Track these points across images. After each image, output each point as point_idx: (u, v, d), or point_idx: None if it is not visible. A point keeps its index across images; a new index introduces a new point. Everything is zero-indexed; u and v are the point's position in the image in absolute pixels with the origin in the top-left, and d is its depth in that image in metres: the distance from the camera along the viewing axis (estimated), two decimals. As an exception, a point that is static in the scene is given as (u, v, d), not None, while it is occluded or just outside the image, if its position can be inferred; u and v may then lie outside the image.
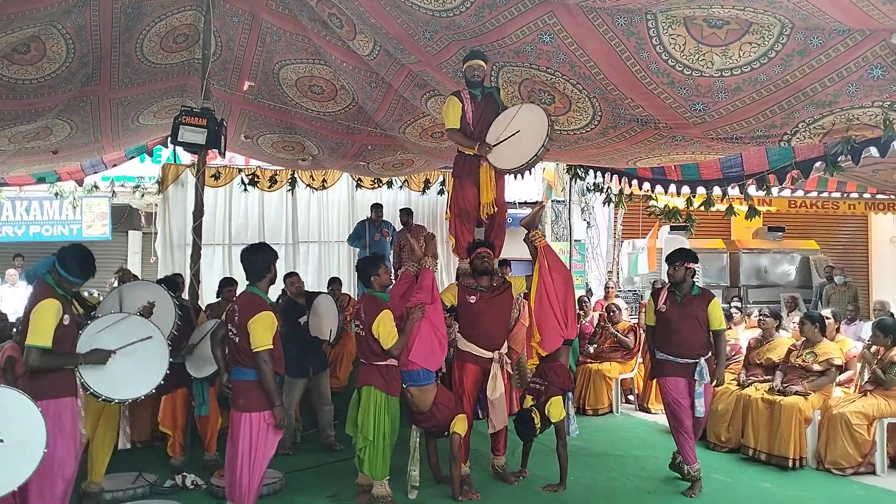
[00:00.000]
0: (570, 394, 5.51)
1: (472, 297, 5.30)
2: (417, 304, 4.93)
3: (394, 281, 7.88)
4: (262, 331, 4.09)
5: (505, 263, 6.07)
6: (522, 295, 6.05)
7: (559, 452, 5.34)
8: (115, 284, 6.84)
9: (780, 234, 13.54)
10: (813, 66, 3.89)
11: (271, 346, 4.12)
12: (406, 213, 9.78)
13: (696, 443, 5.49)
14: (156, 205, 11.81)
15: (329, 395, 6.59)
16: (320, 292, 6.93)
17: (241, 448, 4.09)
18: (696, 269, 5.44)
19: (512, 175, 6.33)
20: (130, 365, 4.15)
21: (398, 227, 9.99)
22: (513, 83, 5.23)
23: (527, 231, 5.58)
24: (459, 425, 5.04)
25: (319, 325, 6.14)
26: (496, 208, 5.42)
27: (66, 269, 3.94)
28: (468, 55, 4.99)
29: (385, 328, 4.74)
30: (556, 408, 5.28)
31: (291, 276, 6.62)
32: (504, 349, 5.44)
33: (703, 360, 5.28)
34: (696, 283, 5.49)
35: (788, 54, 3.87)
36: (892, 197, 11.28)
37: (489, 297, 5.32)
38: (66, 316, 3.90)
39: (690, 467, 5.39)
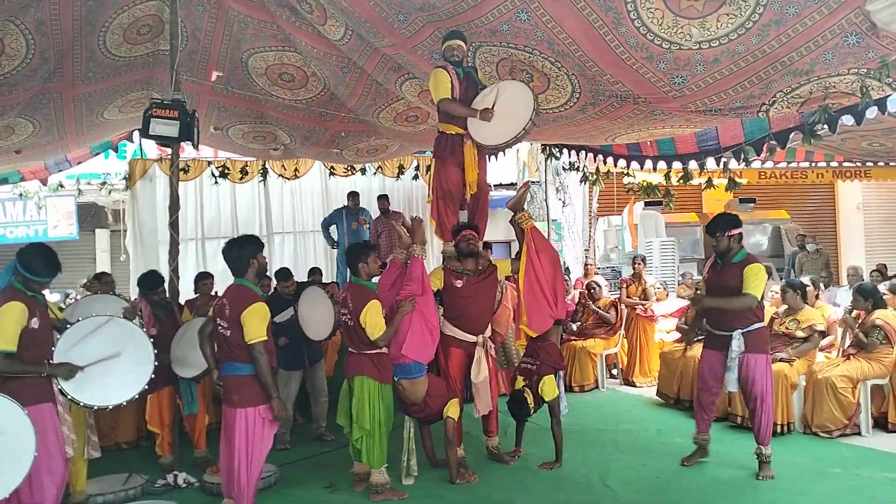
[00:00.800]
0: (560, 372, 5.52)
1: (458, 280, 5.26)
2: (408, 297, 4.85)
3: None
4: (257, 322, 4.01)
5: (486, 246, 6.01)
6: (505, 277, 6.04)
7: (554, 430, 5.35)
8: (81, 295, 6.69)
9: (752, 205, 13.71)
10: (789, 36, 3.90)
11: (266, 338, 4.05)
12: (384, 200, 9.69)
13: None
14: (123, 202, 11.58)
15: (325, 386, 6.52)
16: (309, 282, 6.83)
17: (237, 444, 4.02)
18: (740, 233, 5.05)
19: (489, 155, 6.28)
20: (111, 370, 4.05)
21: (375, 214, 9.90)
22: (490, 63, 5.19)
23: (513, 213, 5.54)
24: (452, 409, 5.02)
25: (310, 322, 5.77)
26: (478, 188, 5.37)
27: (30, 270, 3.84)
28: (447, 35, 4.93)
29: (372, 318, 4.67)
30: (549, 386, 5.29)
31: (286, 280, 6.51)
32: (488, 332, 5.42)
33: (739, 332, 4.97)
34: (744, 250, 5.09)
35: (765, 24, 3.87)
36: (859, 164, 11.47)
37: (475, 281, 5.28)
38: (34, 319, 3.79)
39: (698, 436, 5.40)
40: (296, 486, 5.14)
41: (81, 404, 4.02)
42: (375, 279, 5.18)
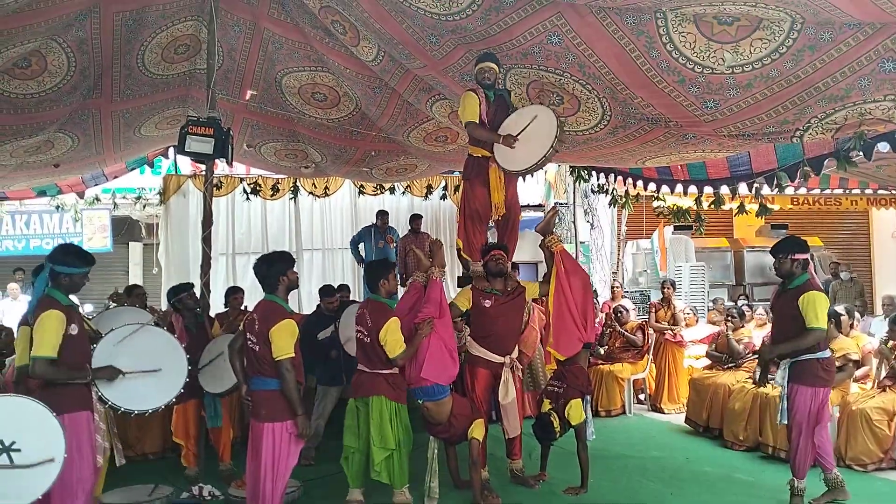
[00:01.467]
0: (588, 397, 5.46)
1: (487, 300, 5.26)
2: (426, 320, 4.81)
3: (400, 288, 7.88)
4: (285, 339, 4.04)
5: (513, 267, 6.01)
6: (532, 299, 6.02)
7: (580, 455, 5.29)
8: (111, 306, 6.82)
9: (784, 231, 13.49)
10: (824, 61, 3.88)
11: (293, 355, 4.07)
12: (418, 219, 9.78)
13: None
14: (157, 216, 11.78)
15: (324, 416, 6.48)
16: (353, 301, 6.89)
17: (263, 459, 4.04)
18: (805, 259, 4.88)
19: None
20: (147, 376, 4.10)
21: (402, 232, 9.96)
22: (521, 85, 5.21)
23: (542, 236, 5.55)
24: (478, 430, 4.99)
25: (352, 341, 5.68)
26: (507, 210, 5.40)
27: (66, 264, 3.89)
28: (480, 57, 4.97)
29: (392, 336, 4.66)
30: (577, 411, 5.24)
31: (330, 296, 6.56)
32: (515, 353, 5.40)
33: (787, 362, 4.82)
34: (806, 274, 4.91)
35: (800, 49, 3.86)
36: (894, 192, 11.26)
37: (503, 301, 5.28)
38: (73, 326, 3.82)
39: (795, 480, 4.90)
40: (318, 502, 5.13)
41: (121, 410, 4.08)
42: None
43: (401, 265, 9.58)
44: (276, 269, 4.26)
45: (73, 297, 4.06)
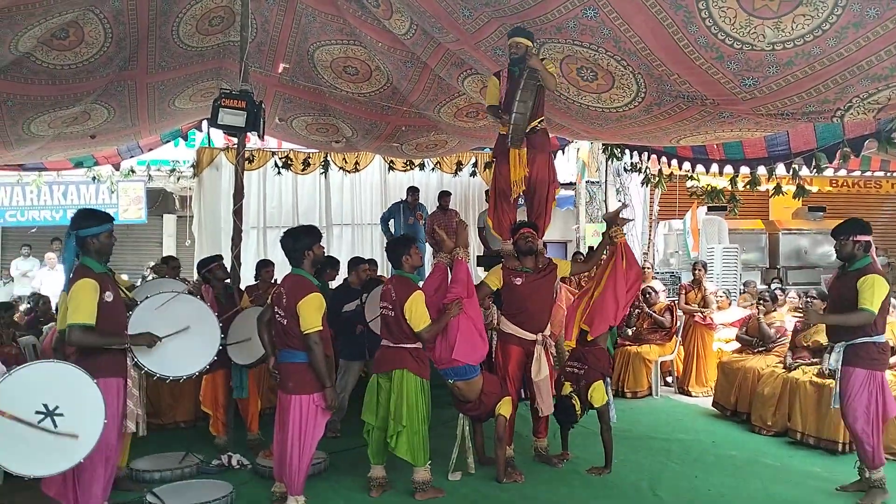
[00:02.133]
0: (608, 378, 5.44)
1: (518, 278, 5.24)
2: (454, 300, 4.79)
3: (427, 263, 7.88)
4: (312, 312, 4.07)
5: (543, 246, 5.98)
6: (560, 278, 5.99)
7: (603, 436, 5.28)
8: (150, 277, 6.92)
9: (821, 213, 13.22)
10: (869, 39, 3.75)
11: (321, 328, 4.10)
12: (446, 196, 9.76)
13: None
14: (190, 188, 11.94)
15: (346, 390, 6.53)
16: (381, 277, 6.92)
17: (290, 430, 4.10)
18: (868, 241, 4.75)
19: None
20: (183, 344, 4.17)
21: (431, 209, 9.95)
22: (554, 60, 5.12)
23: (607, 226, 5.60)
24: (505, 408, 5.01)
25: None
26: (531, 186, 5.36)
27: (89, 226, 3.87)
28: (509, 32, 4.89)
29: (418, 309, 4.62)
30: (599, 393, 5.23)
31: (358, 266, 6.60)
32: (547, 331, 5.39)
33: (841, 344, 4.69)
34: (868, 257, 4.76)
35: (844, 26, 3.73)
36: (939, 175, 10.95)
37: (535, 279, 5.25)
38: (108, 293, 3.84)
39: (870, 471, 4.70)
40: (344, 475, 5.21)
41: (157, 376, 4.13)
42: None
43: (430, 241, 9.60)
44: (302, 243, 4.28)
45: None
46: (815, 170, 6.25)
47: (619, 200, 12.01)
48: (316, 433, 4.19)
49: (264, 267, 6.95)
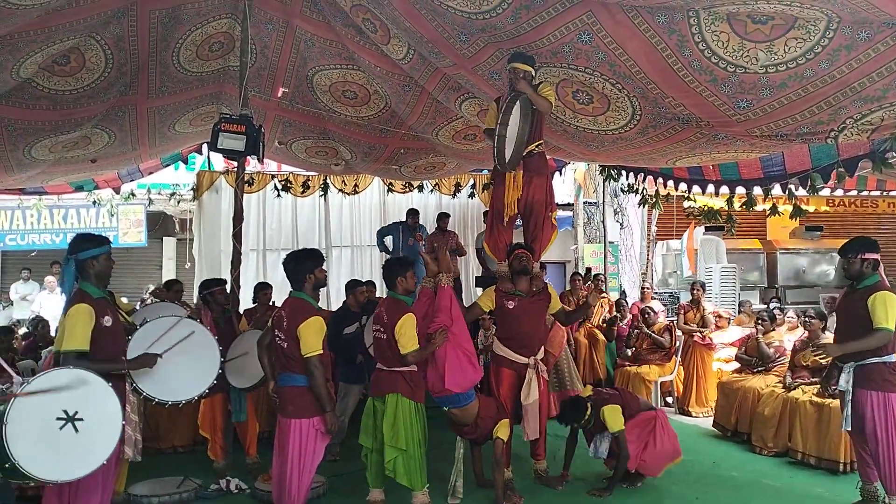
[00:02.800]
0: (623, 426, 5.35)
1: (511, 301, 5.23)
2: (439, 329, 4.72)
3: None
4: (313, 336, 4.07)
5: (541, 267, 5.78)
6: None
7: (618, 463, 5.25)
8: (149, 301, 6.91)
9: (818, 233, 13.27)
10: (861, 61, 3.82)
11: (322, 352, 4.10)
12: (445, 217, 9.86)
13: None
14: (190, 212, 11.98)
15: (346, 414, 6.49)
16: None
17: (290, 455, 4.08)
18: (876, 259, 4.70)
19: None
20: (182, 368, 4.17)
21: (431, 229, 10.02)
22: (550, 84, 5.19)
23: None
24: (502, 430, 4.99)
25: None
26: (527, 208, 5.37)
27: (86, 249, 3.86)
28: (511, 57, 4.91)
29: (408, 332, 4.58)
30: (613, 416, 5.21)
31: (355, 289, 6.56)
32: (540, 354, 5.36)
33: (851, 365, 4.62)
34: (877, 275, 4.71)
35: (835, 49, 3.80)
36: (935, 194, 11.01)
37: (527, 302, 5.25)
38: (106, 318, 3.81)
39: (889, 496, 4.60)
40: (343, 499, 5.18)
41: (156, 401, 4.11)
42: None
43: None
44: (304, 266, 4.29)
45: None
46: (810, 190, 6.29)
47: (617, 221, 12.07)
48: (315, 458, 4.16)
49: (262, 290, 6.96)
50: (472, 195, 11.50)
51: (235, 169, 6.33)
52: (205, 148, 9.36)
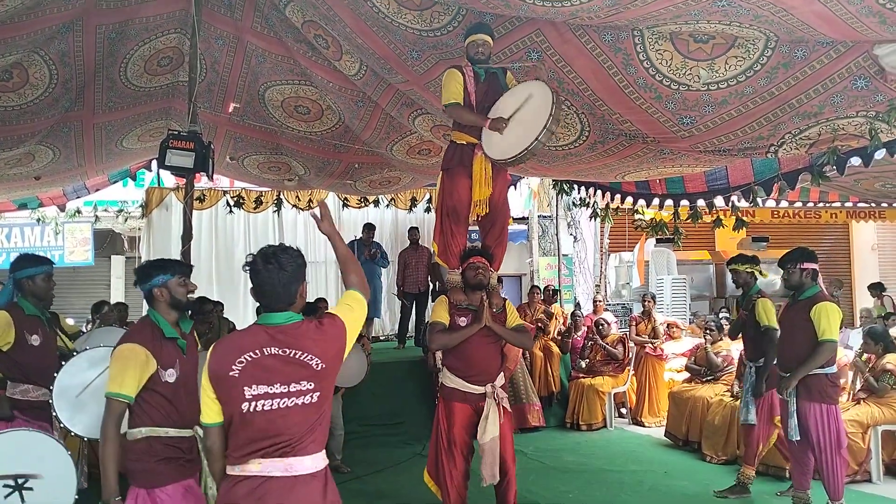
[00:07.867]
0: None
1: (463, 317, 4.37)
2: None
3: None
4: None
5: (497, 280, 5.08)
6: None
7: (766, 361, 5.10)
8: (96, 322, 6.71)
9: (765, 243, 13.64)
10: (798, 78, 3.96)
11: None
12: (414, 231, 9.92)
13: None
14: (139, 229, 11.73)
15: (341, 419, 6.42)
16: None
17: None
18: (815, 269, 4.79)
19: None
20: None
21: (388, 247, 10.05)
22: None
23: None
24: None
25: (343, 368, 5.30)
26: (494, 209, 4.62)
27: (21, 269, 3.84)
28: (470, 28, 4.39)
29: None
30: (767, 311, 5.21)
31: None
32: (499, 381, 4.41)
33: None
34: (817, 285, 4.81)
35: (774, 67, 3.93)
36: (873, 205, 11.43)
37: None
38: (34, 336, 3.79)
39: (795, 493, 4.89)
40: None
41: (73, 433, 3.82)
42: None
43: (400, 279, 9.75)
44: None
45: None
46: (753, 202, 6.48)
47: (571, 234, 12.22)
48: None
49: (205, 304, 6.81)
50: (428, 210, 11.52)
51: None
52: (154, 164, 9.19)
